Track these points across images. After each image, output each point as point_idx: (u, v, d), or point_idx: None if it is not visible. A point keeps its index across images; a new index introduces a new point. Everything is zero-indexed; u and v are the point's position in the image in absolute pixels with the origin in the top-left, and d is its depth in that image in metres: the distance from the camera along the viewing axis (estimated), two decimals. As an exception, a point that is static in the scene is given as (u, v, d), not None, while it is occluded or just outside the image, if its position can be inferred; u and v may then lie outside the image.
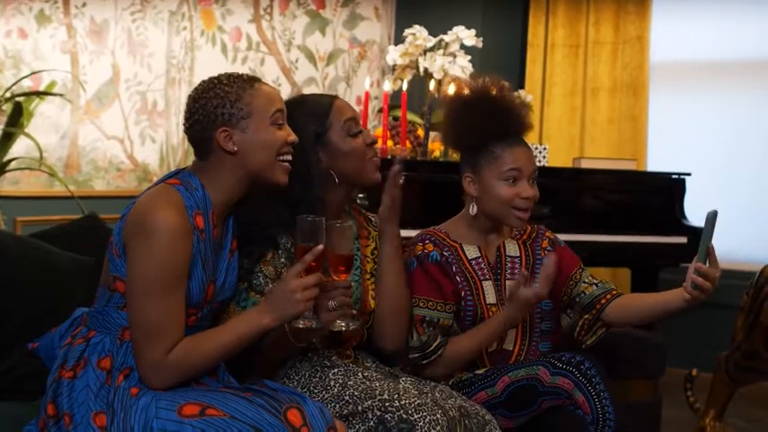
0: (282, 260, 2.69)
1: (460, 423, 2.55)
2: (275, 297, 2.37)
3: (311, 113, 2.76)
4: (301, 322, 2.41)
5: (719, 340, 4.85)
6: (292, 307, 2.35)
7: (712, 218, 2.63)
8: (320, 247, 2.38)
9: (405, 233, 3.07)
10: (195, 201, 2.43)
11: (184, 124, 2.51)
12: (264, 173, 2.50)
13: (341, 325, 2.52)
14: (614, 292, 3.06)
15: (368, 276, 2.91)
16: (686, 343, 5.85)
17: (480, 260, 3.06)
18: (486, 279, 3.04)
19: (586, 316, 3.07)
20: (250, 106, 2.46)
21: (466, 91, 3.11)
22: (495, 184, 2.97)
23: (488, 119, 2.99)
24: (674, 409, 4.71)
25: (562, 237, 3.29)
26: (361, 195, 3.09)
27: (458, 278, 3.01)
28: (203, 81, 2.51)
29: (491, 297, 3.02)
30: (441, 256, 3.02)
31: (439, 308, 2.96)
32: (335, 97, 2.85)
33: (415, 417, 2.47)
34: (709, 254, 2.69)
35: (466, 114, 3.02)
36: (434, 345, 2.92)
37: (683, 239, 5.05)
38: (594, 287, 3.07)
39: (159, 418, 2.27)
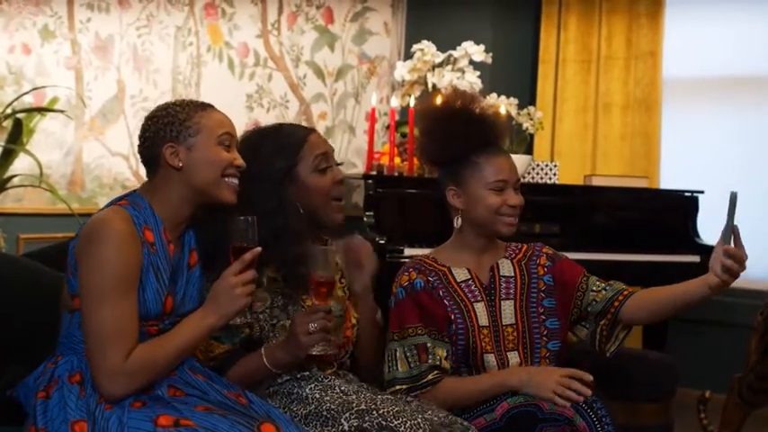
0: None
1: (443, 426, 2.54)
2: (217, 296, 2.43)
3: (283, 145, 2.82)
4: (239, 319, 2.57)
5: (733, 361, 4.77)
6: (234, 302, 2.41)
7: (734, 199, 2.60)
8: (259, 249, 2.43)
9: (417, 251, 3.07)
10: (144, 218, 2.50)
11: (138, 143, 2.60)
12: (210, 190, 2.55)
13: (319, 349, 2.57)
14: (626, 292, 3.01)
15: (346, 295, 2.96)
16: (699, 363, 5.76)
17: (470, 282, 3.00)
18: (477, 301, 2.98)
19: (602, 322, 3.02)
20: (198, 125, 2.53)
21: (440, 104, 3.13)
22: (482, 194, 2.96)
23: (469, 130, 2.97)
24: (687, 432, 4.63)
25: (573, 255, 3.25)
26: (369, 213, 3.08)
27: (446, 302, 2.97)
28: (160, 104, 2.62)
29: (483, 319, 2.96)
30: (426, 282, 2.98)
31: (434, 335, 2.92)
32: (312, 131, 2.90)
33: (395, 422, 2.48)
34: (735, 235, 2.65)
35: (445, 127, 3.00)
36: (425, 379, 2.87)
37: (697, 258, 4.96)
38: (605, 291, 3.03)
39: (134, 428, 2.31)
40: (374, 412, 2.52)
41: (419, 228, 4.42)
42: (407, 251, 4.13)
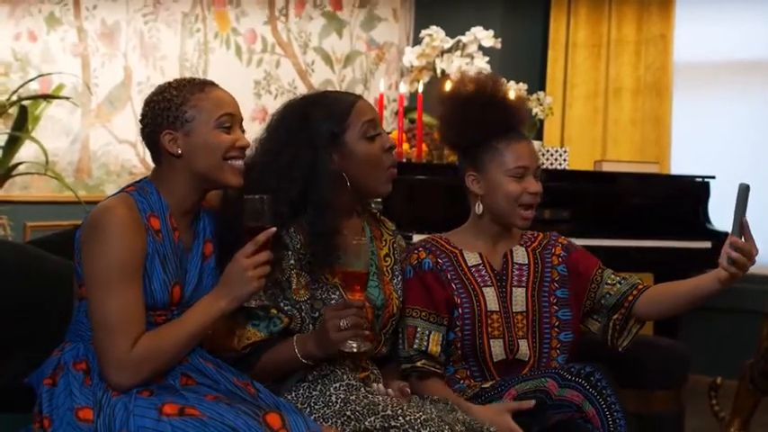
0: (291, 262, 2.61)
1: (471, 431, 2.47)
2: (228, 278, 2.36)
3: (330, 112, 2.68)
4: (254, 302, 2.49)
5: (745, 346, 4.74)
6: (246, 285, 2.34)
7: (744, 191, 2.58)
8: (273, 229, 2.35)
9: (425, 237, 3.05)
10: (149, 204, 2.44)
11: (140, 131, 2.54)
12: (212, 175, 2.47)
13: (352, 345, 2.47)
14: (641, 287, 2.97)
15: (387, 278, 2.83)
16: (711, 349, 5.75)
17: (481, 267, 2.97)
18: (487, 286, 2.95)
19: (615, 316, 2.98)
20: (195, 109, 2.45)
21: (462, 88, 3.05)
22: (502, 181, 2.91)
23: (490, 114, 2.92)
24: (698, 419, 4.61)
25: (583, 241, 3.21)
26: (377, 200, 3.01)
27: (453, 285, 2.93)
28: (159, 85, 2.54)
29: (493, 304, 2.92)
30: (434, 263, 2.94)
31: (432, 319, 2.88)
32: (359, 97, 2.77)
33: None
34: (744, 228, 2.62)
35: (466, 111, 2.95)
36: (414, 364, 2.85)
37: (708, 244, 4.92)
38: (619, 285, 2.99)
39: (139, 416, 2.27)
40: (400, 418, 2.42)
41: (428, 214, 4.40)
42: (416, 237, 4.10)
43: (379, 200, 3.02)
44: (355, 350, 2.48)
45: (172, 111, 2.44)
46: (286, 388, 2.62)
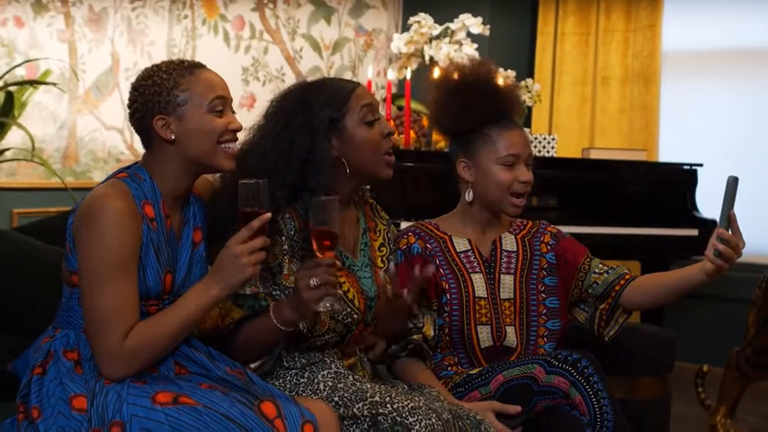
0: (285, 248, 2.59)
1: (455, 426, 2.46)
2: (221, 265, 2.31)
3: (329, 97, 2.66)
4: (248, 289, 2.39)
5: (732, 334, 4.76)
6: (239, 272, 2.29)
7: (733, 183, 2.57)
8: (268, 214, 2.31)
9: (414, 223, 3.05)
10: (143, 191, 2.40)
11: (128, 113, 2.49)
12: (206, 160, 2.44)
13: (326, 305, 2.44)
14: (628, 277, 2.99)
15: (381, 270, 2.82)
16: (697, 337, 5.76)
17: (470, 253, 2.98)
18: (476, 272, 2.96)
19: (602, 306, 3.00)
20: (186, 93, 2.41)
21: (456, 74, 3.05)
22: (493, 169, 2.91)
23: (483, 101, 2.93)
24: (684, 406, 4.62)
25: (570, 229, 3.23)
26: (365, 187, 2.99)
27: (441, 270, 2.94)
28: (146, 68, 2.48)
29: (481, 290, 2.93)
30: (423, 248, 2.96)
31: (422, 302, 2.88)
32: (358, 84, 2.75)
33: (410, 420, 2.38)
34: (731, 221, 2.62)
35: (459, 97, 2.96)
36: (416, 341, 2.86)
37: (695, 232, 4.94)
38: (606, 274, 3.00)
39: (132, 404, 2.24)
40: (388, 405, 2.41)
41: (416, 201, 4.40)
42: (404, 224, 4.10)
43: (368, 187, 2.99)
44: (329, 308, 2.45)
45: (163, 95, 2.40)
46: (267, 368, 2.61)
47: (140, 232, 2.35)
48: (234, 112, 2.50)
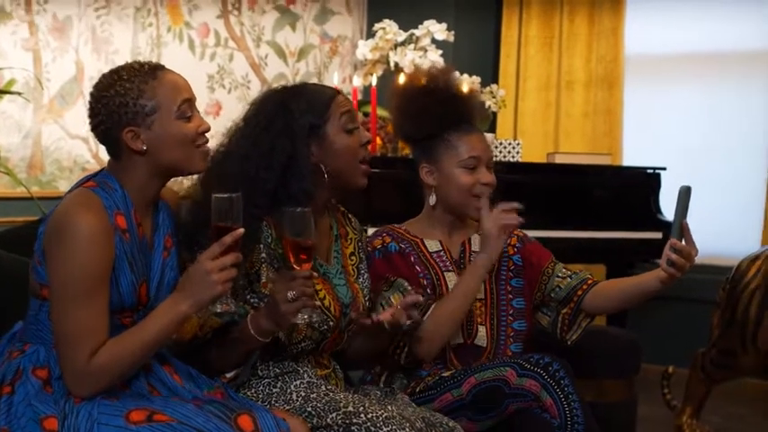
0: (263, 255, 2.57)
1: (429, 426, 2.48)
2: (191, 281, 2.23)
3: (310, 103, 2.65)
4: (219, 306, 2.29)
5: (695, 336, 4.80)
6: (209, 289, 2.21)
7: (685, 194, 2.61)
8: (241, 230, 2.23)
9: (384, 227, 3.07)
10: (114, 201, 2.33)
11: (90, 123, 2.39)
12: (180, 166, 2.40)
13: (303, 317, 2.42)
14: (590, 282, 3.03)
15: (352, 278, 2.81)
16: (663, 339, 5.80)
17: (442, 253, 3.03)
18: (448, 270, 3.00)
19: (564, 310, 3.04)
20: (153, 101, 2.32)
21: (416, 81, 3.09)
22: (455, 172, 2.96)
23: (442, 106, 2.97)
24: (651, 407, 4.65)
25: (536, 233, 3.26)
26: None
27: (417, 268, 2.98)
28: (104, 75, 2.38)
29: None
30: (399, 248, 2.99)
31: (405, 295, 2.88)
32: (338, 91, 2.75)
33: (384, 430, 2.38)
34: (684, 231, 2.66)
35: (418, 104, 3.00)
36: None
37: (659, 235, 4.99)
38: (569, 279, 3.05)
39: (104, 425, 2.19)
40: (362, 415, 2.41)
41: (382, 207, 4.40)
42: (370, 231, 4.11)
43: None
44: (307, 320, 2.44)
45: (129, 106, 2.30)
46: (243, 379, 2.59)
47: (113, 247, 2.28)
48: (197, 111, 2.44)
